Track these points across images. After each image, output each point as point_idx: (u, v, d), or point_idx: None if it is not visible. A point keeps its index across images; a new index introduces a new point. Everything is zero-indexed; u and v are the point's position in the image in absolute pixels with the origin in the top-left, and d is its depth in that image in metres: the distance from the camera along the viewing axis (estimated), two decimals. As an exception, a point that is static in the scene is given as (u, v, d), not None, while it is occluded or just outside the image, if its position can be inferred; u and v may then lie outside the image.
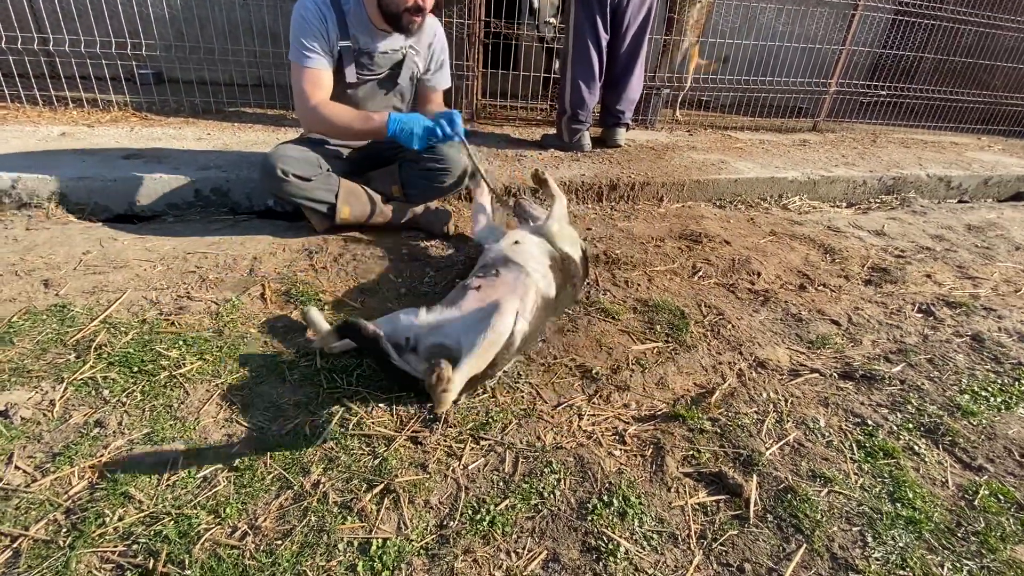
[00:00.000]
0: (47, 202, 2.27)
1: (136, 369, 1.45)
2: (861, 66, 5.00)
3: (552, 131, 3.46)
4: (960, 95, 4.73)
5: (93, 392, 1.37)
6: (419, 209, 2.33)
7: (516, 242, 1.77)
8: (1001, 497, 1.32)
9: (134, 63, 3.31)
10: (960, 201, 3.66)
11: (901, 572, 1.12)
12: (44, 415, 1.30)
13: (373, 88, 2.22)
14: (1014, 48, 4.86)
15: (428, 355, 1.37)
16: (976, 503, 1.29)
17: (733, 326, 1.89)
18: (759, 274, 2.26)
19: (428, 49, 2.28)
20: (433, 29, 2.27)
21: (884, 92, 4.56)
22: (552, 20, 3.90)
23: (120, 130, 2.94)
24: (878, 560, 1.14)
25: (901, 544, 1.18)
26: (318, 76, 2.01)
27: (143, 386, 1.40)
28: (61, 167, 2.33)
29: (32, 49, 3.02)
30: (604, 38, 3.06)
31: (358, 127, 2.02)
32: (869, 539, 1.18)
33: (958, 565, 1.14)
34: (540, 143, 3.38)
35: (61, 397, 1.35)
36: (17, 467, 1.17)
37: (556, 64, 4.12)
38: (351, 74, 2.11)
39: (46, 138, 2.70)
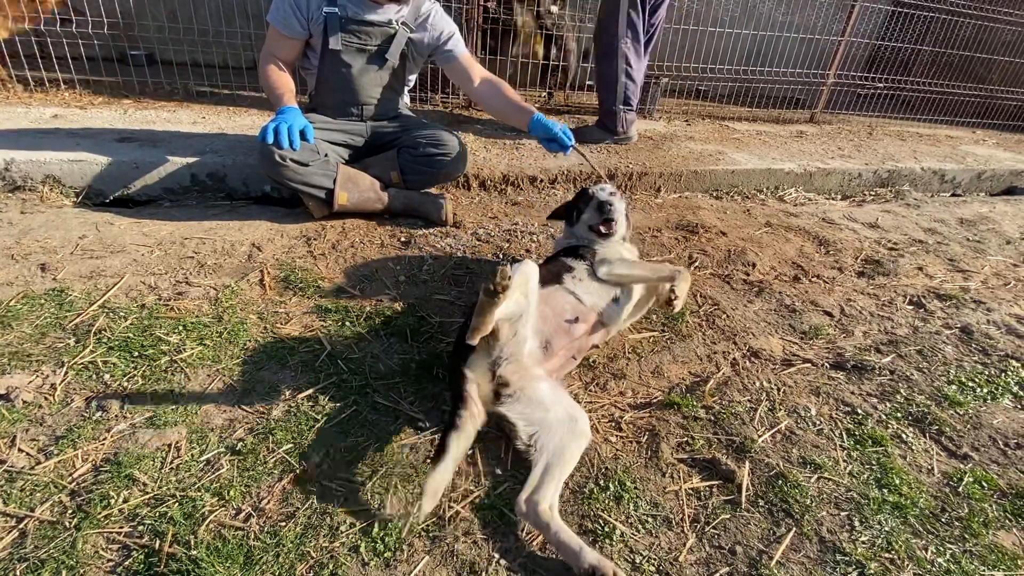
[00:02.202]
0: (41, 185, 2.25)
1: (136, 354, 1.46)
2: (858, 58, 5.00)
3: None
4: (957, 88, 4.74)
5: (94, 376, 1.38)
6: (417, 196, 2.32)
7: (619, 332, 1.73)
8: (985, 484, 1.36)
9: (126, 44, 3.26)
10: (953, 195, 3.69)
11: (886, 555, 1.16)
12: (46, 399, 1.31)
13: (364, 66, 2.22)
14: (1011, 42, 4.87)
15: (493, 414, 1.30)
16: (960, 490, 1.33)
17: (728, 316, 1.92)
18: (754, 265, 2.28)
19: (428, 27, 2.26)
20: (429, 7, 2.26)
21: (881, 84, 4.57)
22: (554, 9, 3.85)
23: (113, 112, 2.91)
24: (864, 543, 1.18)
25: (887, 528, 1.21)
26: (277, 35, 2.15)
27: (144, 371, 1.41)
28: (55, 150, 2.30)
29: (22, 28, 2.96)
30: (643, 22, 3.09)
31: (266, 90, 2.16)
32: (856, 523, 1.22)
33: (942, 549, 1.18)
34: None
35: (62, 381, 1.35)
36: (21, 450, 1.18)
37: (554, 51, 4.07)
38: (335, 41, 2.12)
39: (38, 120, 2.66)
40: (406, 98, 2.52)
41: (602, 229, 1.74)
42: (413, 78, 2.52)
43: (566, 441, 1.23)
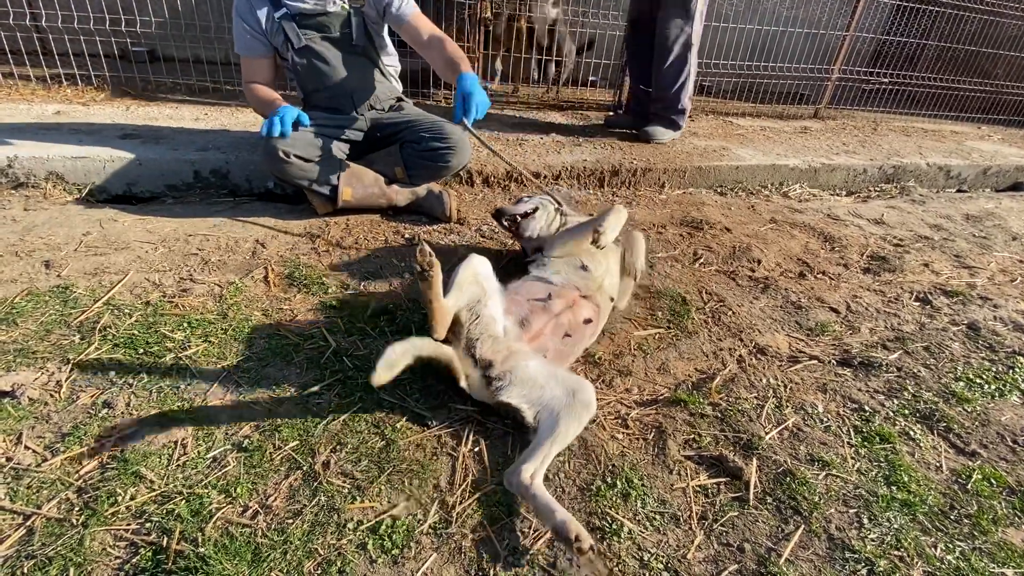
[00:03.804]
0: (44, 182, 2.24)
1: (142, 351, 1.46)
2: (863, 53, 4.97)
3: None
4: (962, 84, 4.71)
5: (99, 373, 1.38)
6: (422, 192, 2.32)
7: (612, 299, 1.69)
8: (993, 481, 1.35)
9: (128, 40, 3.24)
10: (959, 190, 3.67)
11: (896, 552, 1.15)
12: (51, 396, 1.31)
13: (337, 54, 2.20)
14: (1017, 37, 4.84)
15: (496, 405, 1.33)
16: (969, 487, 1.33)
17: (734, 313, 1.91)
18: (759, 261, 2.27)
19: None
20: None
21: (886, 80, 4.54)
22: (553, 12, 3.82)
23: (115, 109, 2.90)
24: (873, 541, 1.17)
25: (896, 526, 1.21)
26: (248, 61, 2.21)
27: (149, 367, 1.41)
28: (58, 146, 2.30)
29: (24, 25, 2.95)
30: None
31: (259, 110, 2.23)
32: (865, 521, 1.21)
33: (951, 546, 1.18)
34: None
35: (67, 378, 1.35)
36: (27, 447, 1.18)
37: (566, 47, 4.03)
38: (298, 38, 2.13)
39: (40, 116, 2.66)
40: (398, 85, 2.48)
41: (511, 232, 1.86)
42: (394, 61, 2.46)
43: (563, 415, 1.24)
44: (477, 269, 1.46)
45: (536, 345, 1.42)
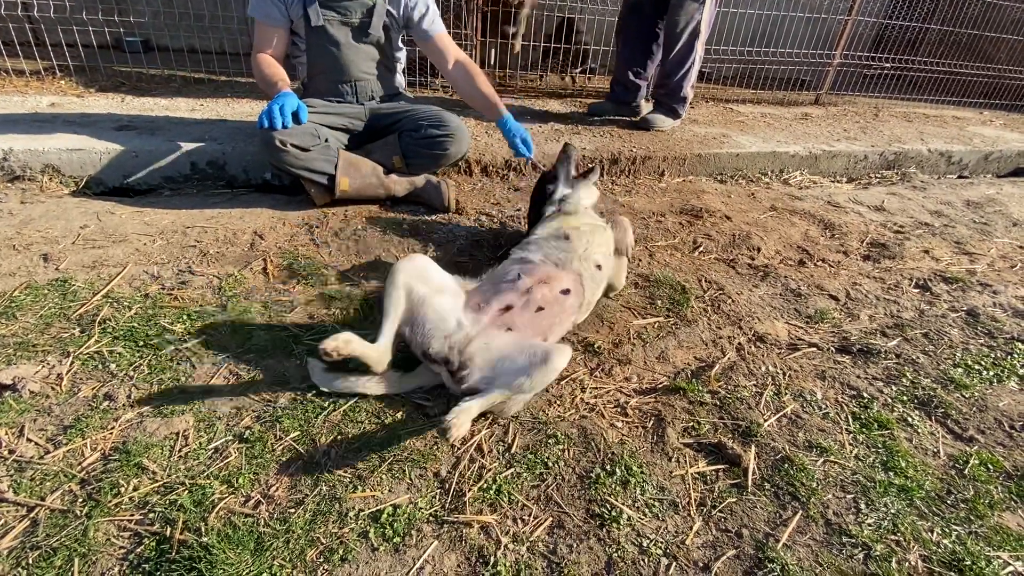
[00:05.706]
0: (40, 175, 2.23)
1: (142, 343, 1.46)
2: (865, 37, 4.91)
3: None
4: (964, 68, 4.67)
5: (100, 366, 1.38)
6: (420, 182, 2.30)
7: (599, 267, 1.67)
8: (990, 466, 1.36)
9: (121, 30, 3.21)
10: (960, 176, 3.65)
11: (892, 537, 1.16)
12: (52, 389, 1.31)
13: (349, 40, 2.18)
14: (1020, 20, 4.78)
15: (465, 393, 1.32)
16: (966, 472, 1.34)
17: (733, 301, 1.91)
18: (759, 249, 2.27)
19: (402, 1, 2.20)
20: None
21: (888, 65, 4.49)
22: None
23: (111, 100, 2.87)
24: (870, 526, 1.18)
25: (893, 511, 1.22)
26: (262, 28, 2.15)
27: (150, 360, 1.41)
28: (53, 139, 2.28)
29: (16, 16, 2.91)
30: None
31: (262, 86, 2.16)
32: (862, 506, 1.22)
33: (947, 530, 1.19)
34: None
35: (68, 371, 1.36)
36: (29, 439, 1.19)
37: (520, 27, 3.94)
38: (316, 16, 2.10)
39: (35, 108, 2.64)
40: (401, 79, 2.47)
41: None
42: (402, 55, 2.46)
43: (517, 374, 1.29)
44: (407, 281, 1.41)
45: (500, 322, 1.42)
